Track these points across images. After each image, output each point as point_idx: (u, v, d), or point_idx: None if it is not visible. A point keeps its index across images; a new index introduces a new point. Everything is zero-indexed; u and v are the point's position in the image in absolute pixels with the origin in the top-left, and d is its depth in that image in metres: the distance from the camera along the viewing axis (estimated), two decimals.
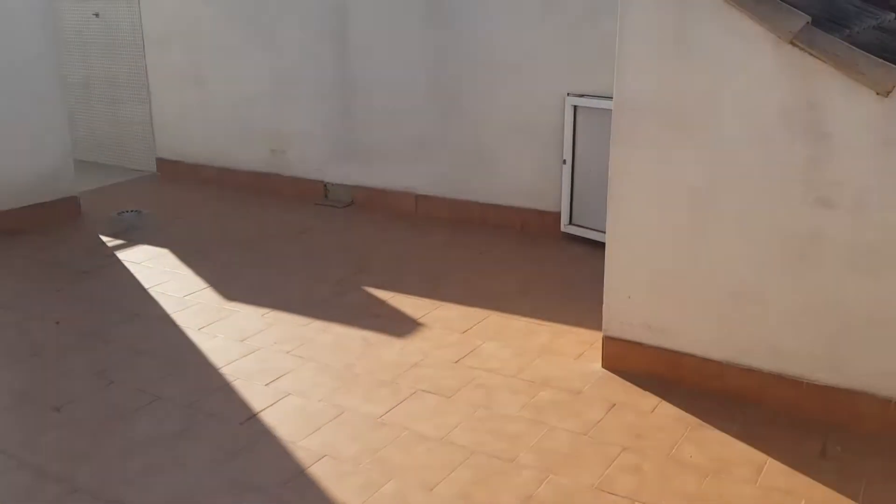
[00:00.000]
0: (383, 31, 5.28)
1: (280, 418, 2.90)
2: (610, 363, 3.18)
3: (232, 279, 4.29)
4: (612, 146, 3.01)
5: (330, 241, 4.95)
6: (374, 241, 4.94)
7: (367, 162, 5.58)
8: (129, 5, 6.31)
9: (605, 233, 4.40)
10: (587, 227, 4.63)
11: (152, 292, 4.12)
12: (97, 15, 6.48)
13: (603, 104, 4.40)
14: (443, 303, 3.89)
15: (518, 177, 4.99)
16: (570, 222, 4.73)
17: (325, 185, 5.79)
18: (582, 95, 4.56)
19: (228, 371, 3.26)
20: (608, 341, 3.18)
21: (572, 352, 3.36)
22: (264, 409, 2.96)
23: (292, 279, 4.28)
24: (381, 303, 3.94)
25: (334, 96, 5.59)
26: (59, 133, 5.38)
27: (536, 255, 4.57)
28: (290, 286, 4.17)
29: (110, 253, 4.72)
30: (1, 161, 5.08)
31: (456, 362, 3.29)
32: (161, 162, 6.57)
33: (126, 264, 4.52)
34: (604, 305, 3.15)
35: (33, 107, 5.22)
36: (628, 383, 3.08)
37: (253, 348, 3.46)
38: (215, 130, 6.23)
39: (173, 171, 6.51)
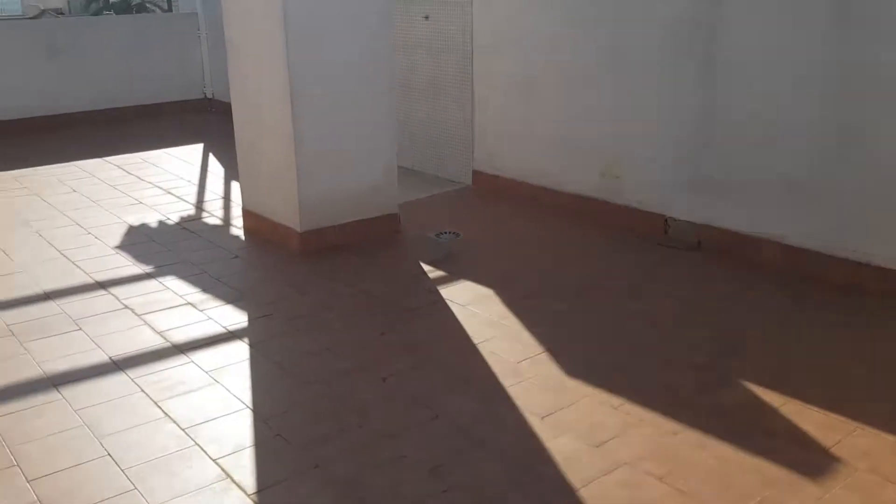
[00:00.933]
0: (763, 41, 4.28)
1: None
2: None
3: (569, 343, 3.64)
4: None
5: (679, 299, 4.12)
6: (738, 306, 4.01)
7: (721, 197, 4.65)
8: (461, 9, 5.90)
9: None
10: None
11: (481, 349, 3.60)
12: (427, 17, 6.16)
13: None
14: (858, 424, 2.91)
15: None
16: None
17: (666, 220, 4.96)
18: None
19: (589, 496, 2.58)
20: None
21: None
22: None
23: (642, 355, 3.53)
24: (771, 411, 3.04)
25: (687, 117, 4.72)
26: (388, 144, 5.05)
27: None
28: (640, 365, 3.43)
29: (432, 287, 4.31)
30: (331, 173, 4.85)
31: None
32: (477, 174, 6.14)
33: (450, 305, 4.06)
34: None
35: (366, 114, 4.90)
36: None
37: (614, 462, 2.75)
38: (539, 146, 5.64)
39: (489, 186, 6.05)
